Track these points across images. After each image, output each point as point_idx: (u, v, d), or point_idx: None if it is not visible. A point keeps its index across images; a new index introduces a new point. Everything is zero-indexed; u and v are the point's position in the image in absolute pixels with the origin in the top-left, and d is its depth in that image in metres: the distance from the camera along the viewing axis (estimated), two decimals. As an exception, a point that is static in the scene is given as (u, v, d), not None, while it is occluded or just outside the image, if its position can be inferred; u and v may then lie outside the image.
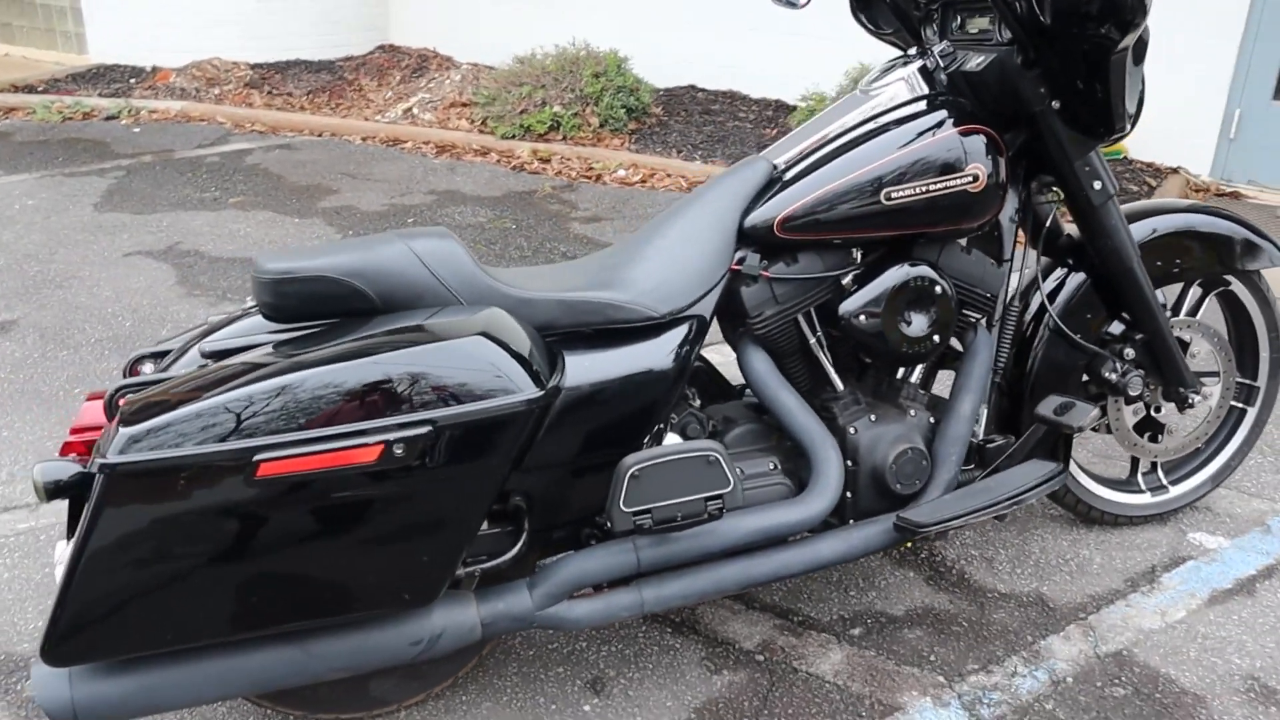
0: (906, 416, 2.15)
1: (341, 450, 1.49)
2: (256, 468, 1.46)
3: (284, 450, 1.46)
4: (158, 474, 1.45)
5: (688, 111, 6.61)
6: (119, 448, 1.44)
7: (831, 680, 2.15)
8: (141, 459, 1.44)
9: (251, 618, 1.57)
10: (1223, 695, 2.14)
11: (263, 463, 1.46)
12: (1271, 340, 2.60)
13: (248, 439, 1.47)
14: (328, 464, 1.49)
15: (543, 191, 5.26)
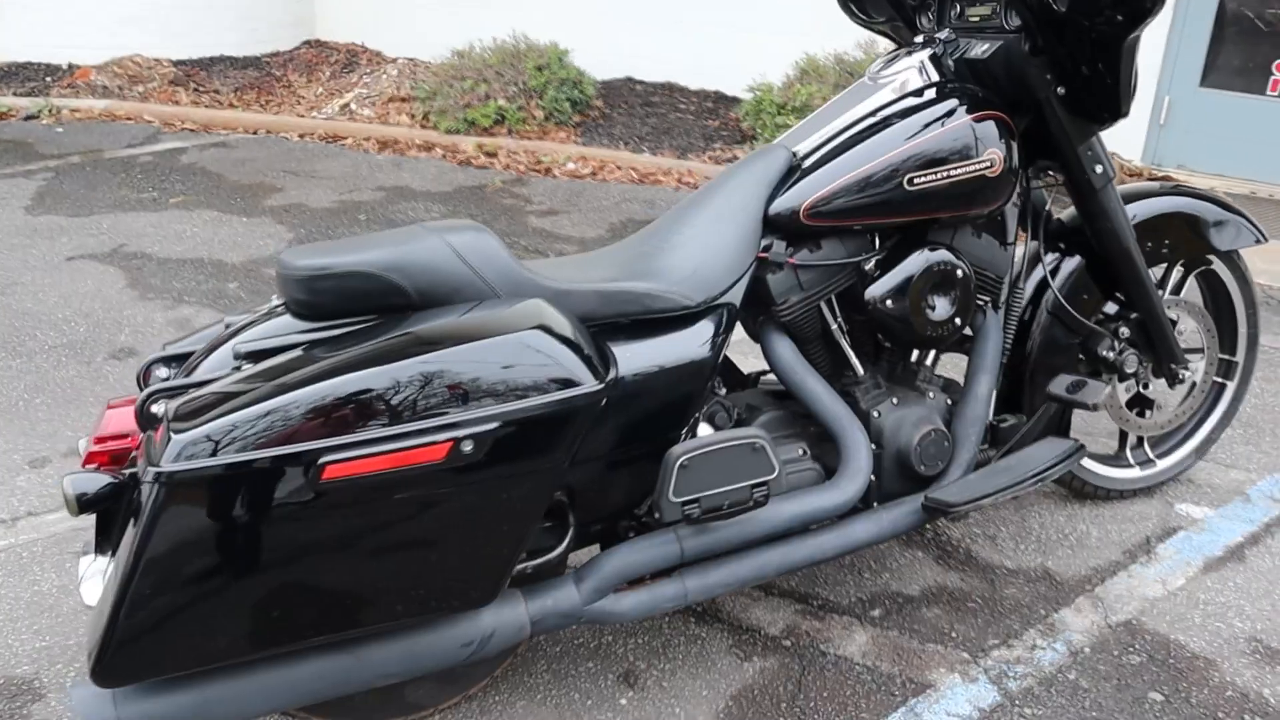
0: (926, 399, 2.18)
1: (408, 450, 1.44)
2: (322, 470, 1.41)
3: (350, 452, 1.41)
4: (217, 480, 1.39)
5: (629, 104, 6.60)
6: (175, 454, 1.37)
7: (860, 661, 2.17)
8: (201, 465, 1.37)
9: (312, 626, 1.52)
10: (1231, 658, 2.22)
11: (328, 465, 1.41)
12: (1249, 317, 2.70)
13: (311, 441, 1.41)
14: (394, 464, 1.44)
15: (493, 186, 5.20)
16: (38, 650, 2.14)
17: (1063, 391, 2.26)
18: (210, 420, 1.41)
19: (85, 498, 1.53)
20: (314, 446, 1.41)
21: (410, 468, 1.45)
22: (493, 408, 1.49)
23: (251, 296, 3.83)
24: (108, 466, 1.67)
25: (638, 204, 5.04)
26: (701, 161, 5.58)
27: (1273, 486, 2.87)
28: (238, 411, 1.42)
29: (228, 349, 1.70)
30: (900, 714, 2.04)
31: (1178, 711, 2.07)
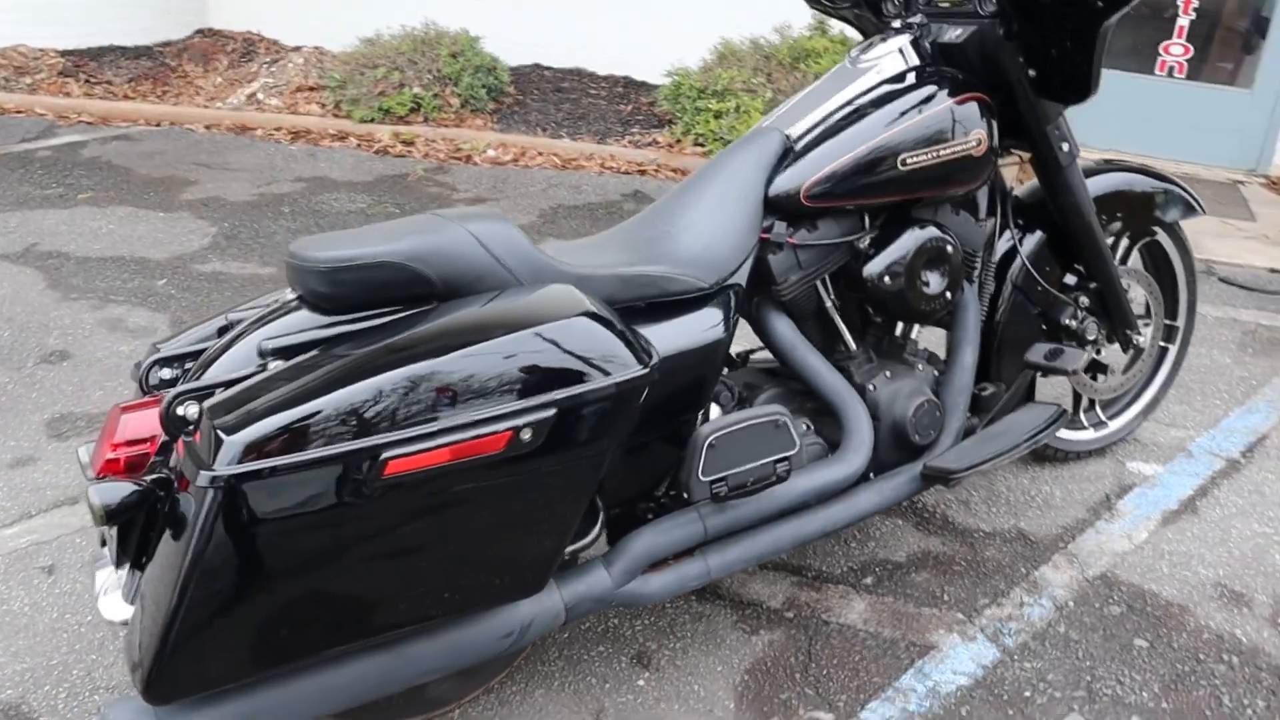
0: (915, 371, 2.25)
1: (469, 441, 1.42)
2: (384, 466, 1.37)
3: (411, 446, 1.39)
4: (276, 481, 1.34)
5: (541, 90, 6.55)
6: (231, 457, 1.33)
7: (863, 628, 2.23)
8: (258, 467, 1.33)
9: (369, 625, 1.49)
10: (1201, 603, 2.35)
11: (390, 460, 1.37)
12: (1189, 284, 2.86)
13: (372, 437, 1.38)
14: (455, 456, 1.42)
15: (415, 174, 5.10)
16: (20, 673, 2.03)
17: (1041, 359, 2.35)
18: (260, 420, 1.36)
19: (113, 508, 1.46)
20: (375, 442, 1.38)
21: (470, 459, 1.43)
22: (549, 395, 1.48)
23: (183, 294, 3.68)
24: (122, 474, 1.59)
25: (564, 189, 5.02)
26: (622, 146, 5.59)
27: (1210, 441, 3.05)
28: (288, 409, 1.37)
29: (245, 346, 1.64)
30: (910, 676, 2.10)
31: (1162, 656, 2.18)
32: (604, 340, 1.55)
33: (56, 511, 2.50)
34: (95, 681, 2.01)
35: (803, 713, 2.00)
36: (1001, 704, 2.04)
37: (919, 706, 2.03)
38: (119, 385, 3.07)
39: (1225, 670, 2.16)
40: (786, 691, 2.05)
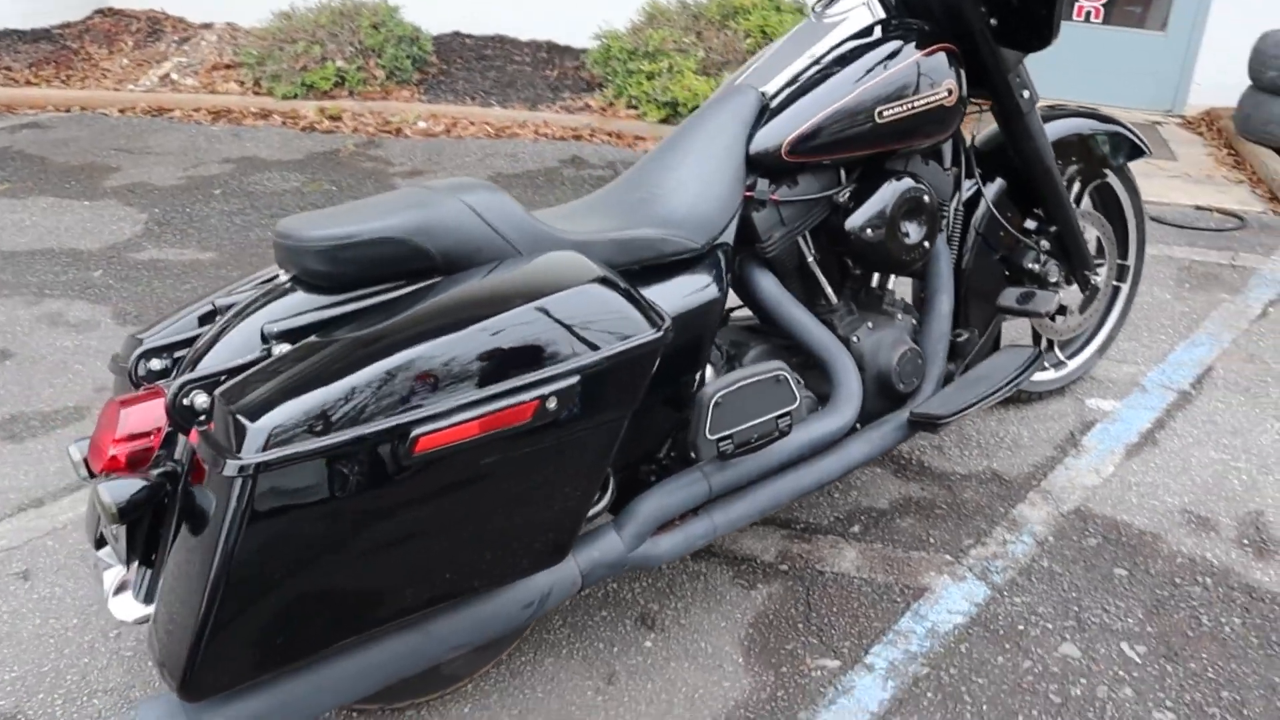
0: (895, 320, 2.28)
1: (496, 413, 1.41)
2: (415, 443, 1.35)
3: (441, 421, 1.37)
4: (307, 466, 1.32)
5: (464, 59, 6.44)
6: (259, 444, 1.29)
7: (857, 575, 2.27)
8: (288, 453, 1.30)
9: (401, 605, 1.47)
10: (1171, 530, 2.45)
11: (421, 437, 1.35)
12: (1138, 223, 2.94)
13: (400, 414, 1.36)
14: (484, 429, 1.40)
15: (346, 150, 4.99)
16: (10, 682, 1.96)
17: (1014, 304, 2.41)
18: (283, 404, 1.33)
19: (124, 505, 1.42)
20: (404, 420, 1.35)
21: (498, 431, 1.41)
22: (572, 362, 1.47)
23: (122, 284, 3.56)
24: (124, 470, 1.54)
25: (501, 158, 4.96)
26: (554, 112, 5.53)
27: (1161, 375, 3.16)
28: (311, 392, 1.34)
29: (243, 331, 1.60)
30: (908, 618, 2.15)
31: (1142, 583, 2.27)
32: (618, 305, 1.54)
33: (22, 515, 2.41)
34: (91, 685, 1.95)
35: (810, 662, 2.04)
36: (998, 639, 2.10)
37: (920, 647, 2.08)
38: (69, 382, 2.97)
39: (1201, 592, 2.25)
40: (791, 642, 2.08)
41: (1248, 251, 4.13)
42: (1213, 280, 3.85)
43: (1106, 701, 1.96)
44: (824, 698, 1.96)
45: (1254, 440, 2.82)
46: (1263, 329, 3.47)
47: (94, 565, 1.68)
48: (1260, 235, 4.31)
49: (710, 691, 1.96)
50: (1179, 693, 1.99)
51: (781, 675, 2.00)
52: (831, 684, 1.99)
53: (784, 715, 1.91)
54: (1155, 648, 2.09)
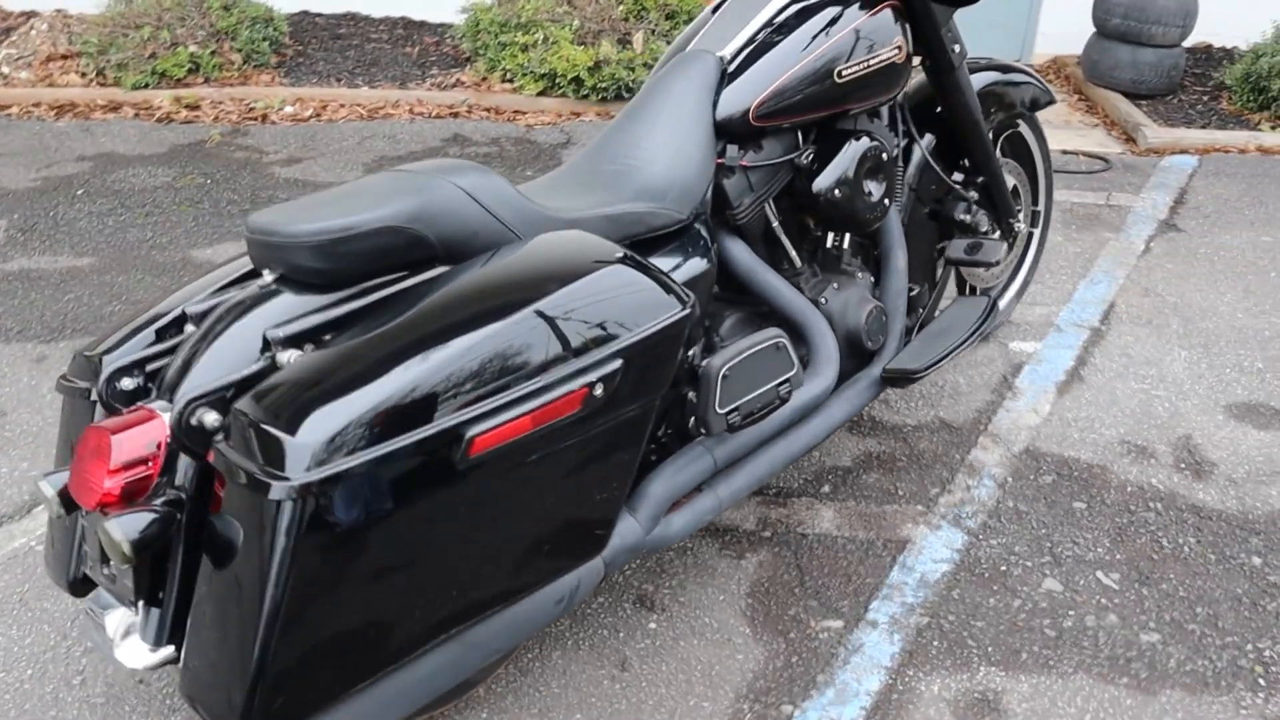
0: (856, 279, 2.30)
1: (547, 405, 1.35)
2: (470, 445, 1.28)
3: (494, 419, 1.30)
4: (358, 480, 1.23)
5: (319, 39, 6.16)
6: (305, 461, 1.20)
7: (839, 534, 2.30)
8: (341, 468, 1.21)
9: (456, 613, 1.40)
10: (1115, 460, 2.57)
11: (476, 438, 1.28)
12: (1046, 170, 3.06)
13: (452, 416, 1.28)
14: (536, 423, 1.34)
15: (213, 140, 4.70)
16: None
17: (963, 255, 2.47)
18: (324, 416, 1.23)
19: (140, 541, 1.30)
20: (456, 421, 1.28)
21: (549, 425, 1.35)
22: (613, 345, 1.42)
23: (-5, 299, 3.26)
24: (118, 504, 1.40)
25: (380, 140, 4.76)
26: (427, 90, 5.34)
27: (1071, 314, 3.30)
28: (350, 401, 1.25)
29: (234, 339, 1.48)
30: (897, 571, 2.19)
31: (1101, 514, 2.38)
32: (646, 284, 1.50)
33: (-60, 561, 2.19)
34: (67, 738, 1.79)
35: (815, 624, 2.05)
36: (985, 581, 2.17)
37: (915, 598, 2.12)
38: (-42, 410, 2.70)
39: (1155, 517, 2.37)
40: (792, 607, 2.09)
41: (1119, 191, 4.36)
42: (1095, 220, 4.05)
43: (1097, 630, 2.05)
44: (837, 658, 1.97)
45: (1167, 369, 2.98)
46: (1149, 264, 3.67)
47: (87, 612, 1.53)
48: (1126, 175, 4.56)
49: (726, 666, 1.95)
50: (1158, 613, 2.09)
51: (791, 641, 2.01)
52: (840, 644, 2.01)
53: (802, 680, 1.92)
54: (1128, 574, 2.19)
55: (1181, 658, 1.99)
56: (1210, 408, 2.80)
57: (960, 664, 1.96)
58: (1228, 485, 2.49)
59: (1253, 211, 4.16)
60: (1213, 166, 4.65)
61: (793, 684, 1.92)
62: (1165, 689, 1.92)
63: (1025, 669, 1.95)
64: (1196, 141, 4.87)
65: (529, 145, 4.77)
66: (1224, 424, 2.73)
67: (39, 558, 2.21)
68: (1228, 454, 2.60)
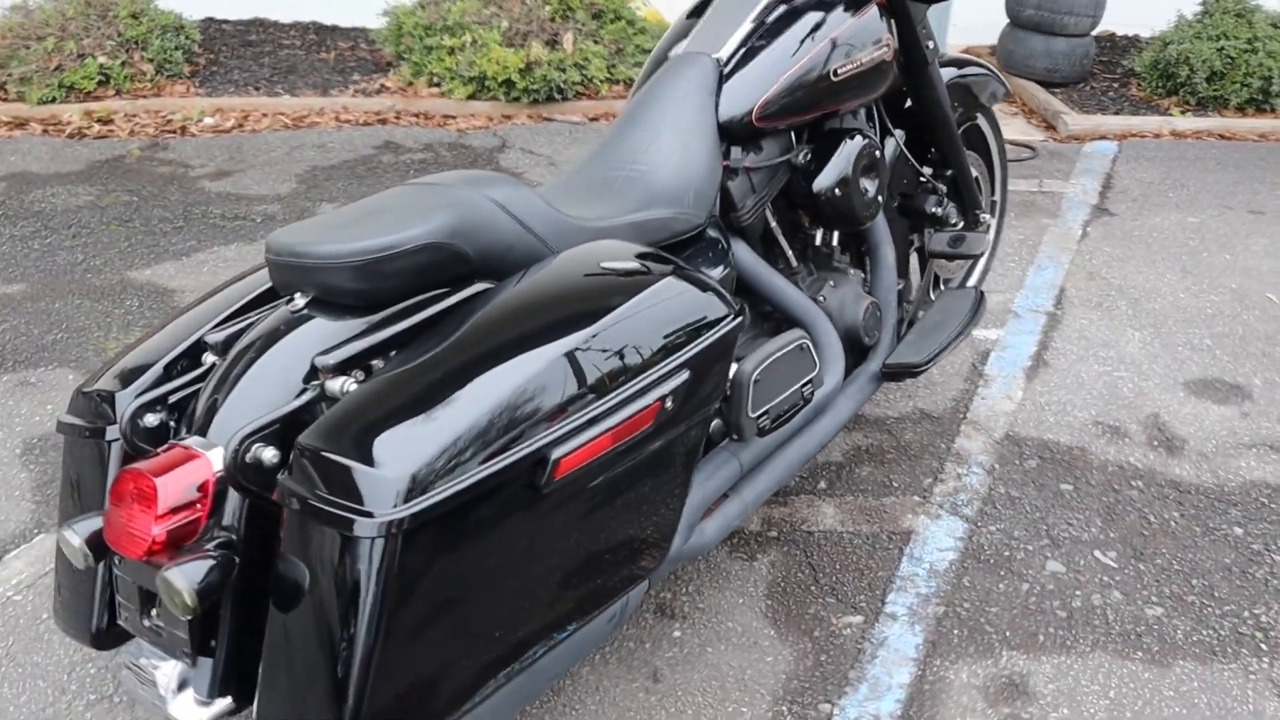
0: (849, 276, 2.32)
1: (624, 422, 1.33)
2: (556, 467, 1.25)
3: (576, 439, 1.27)
4: (447, 511, 1.19)
5: (229, 47, 5.95)
6: (395, 495, 1.15)
7: (844, 530, 2.32)
8: (433, 500, 1.16)
9: (531, 641, 1.36)
10: (1092, 441, 2.65)
11: (561, 459, 1.25)
12: (1001, 161, 3.13)
13: (535, 439, 1.24)
14: (615, 440, 1.32)
15: (133, 155, 4.50)
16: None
17: (947, 248, 2.51)
18: (406, 447, 1.19)
19: (205, 589, 1.23)
20: (540, 443, 1.24)
21: (626, 441, 1.33)
22: (680, 357, 1.41)
23: (-78, 333, 3.06)
24: (164, 552, 1.32)
25: (309, 150, 4.63)
26: (351, 96, 5.21)
27: (1026, 300, 3.40)
28: (429, 429, 1.21)
29: (269, 367, 1.42)
30: (906, 563, 2.22)
31: (1086, 494, 2.45)
32: (700, 293, 1.49)
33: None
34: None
35: (836, 621, 2.07)
36: (991, 568, 2.21)
37: (928, 588, 2.15)
38: (-97, 454, 2.53)
39: (1139, 495, 2.45)
40: (812, 605, 2.10)
41: (1049, 178, 4.50)
42: (1032, 207, 4.17)
43: (1105, 607, 2.11)
44: (864, 653, 1.99)
45: (1124, 350, 3.09)
46: (1090, 248, 3.80)
47: (127, 667, 1.44)
48: (1053, 162, 4.71)
49: (757, 669, 1.95)
50: (1158, 587, 2.17)
51: (816, 640, 2.02)
52: (865, 638, 2.02)
53: (835, 678, 1.93)
54: (1123, 551, 2.27)
55: (1187, 629, 2.06)
56: (1170, 385, 2.91)
57: (983, 650, 2.00)
58: (1200, 460, 2.59)
59: (1176, 194, 4.34)
60: (1132, 151, 4.84)
61: (826, 682, 1.92)
62: (1178, 660, 1.99)
63: (1045, 650, 2.00)
64: (1114, 128, 5.06)
65: (464, 150, 4.70)
66: (1186, 400, 2.84)
67: (18, 609, 2.09)
68: (1194, 429, 2.71)
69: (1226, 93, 5.24)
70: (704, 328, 1.46)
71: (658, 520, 1.50)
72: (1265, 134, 5.10)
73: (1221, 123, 5.14)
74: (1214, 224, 4.04)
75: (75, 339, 3.06)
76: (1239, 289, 3.50)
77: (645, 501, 1.45)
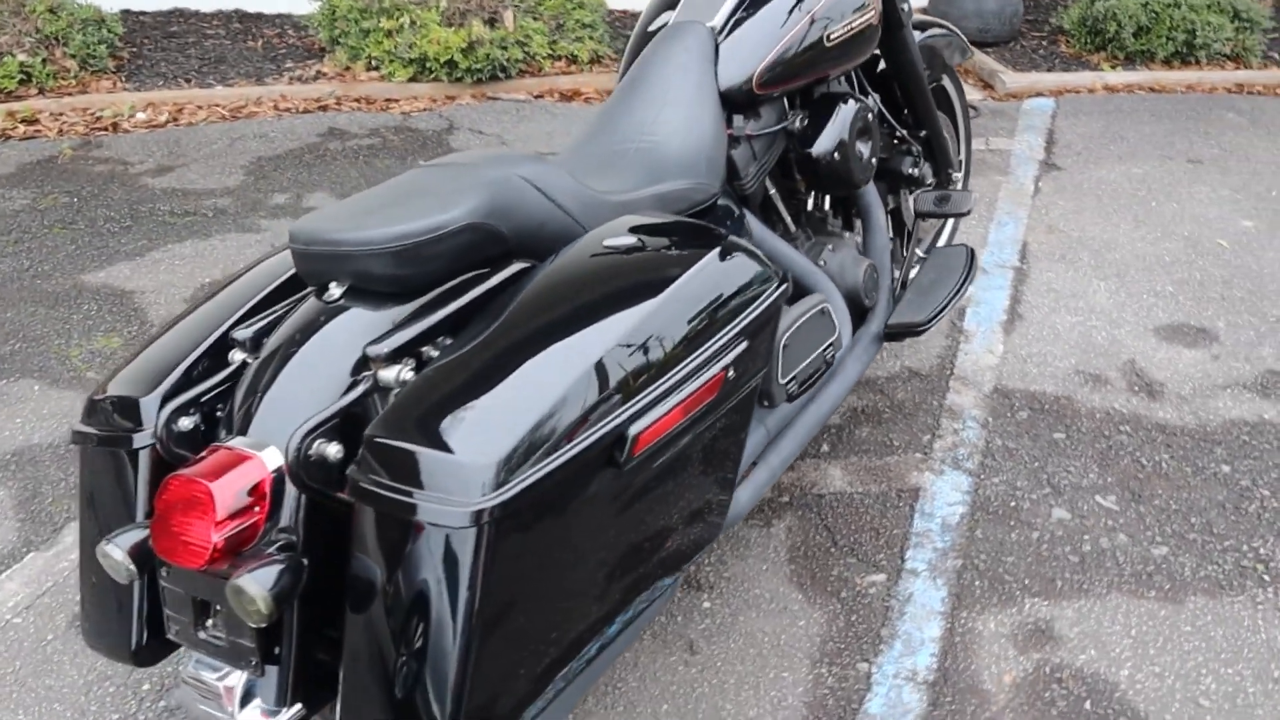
0: (844, 239, 2.34)
1: (694, 393, 1.32)
2: (635, 443, 1.24)
3: (652, 414, 1.26)
4: (535, 495, 1.17)
5: (150, 39, 5.75)
6: (486, 482, 1.12)
7: (853, 491, 2.34)
8: (519, 485, 1.14)
9: (606, 617, 1.35)
10: (1075, 389, 2.72)
11: (640, 435, 1.24)
12: (965, 121, 3.18)
13: (614, 416, 1.23)
14: (686, 412, 1.31)
15: (65, 155, 4.32)
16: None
17: (933, 207, 2.54)
18: (489, 434, 1.16)
19: (280, 594, 1.20)
20: (619, 420, 1.23)
21: (695, 413, 1.33)
22: (737, 326, 1.40)
23: None
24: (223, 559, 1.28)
25: (252, 141, 4.49)
26: (287, 85, 5.07)
27: (993, 256, 3.46)
28: (509, 413, 1.19)
29: (309, 360, 1.37)
30: (919, 519, 2.26)
31: (1079, 442, 2.51)
32: (749, 262, 1.49)
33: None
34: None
35: (860, 581, 2.09)
36: (1000, 519, 2.25)
37: (944, 542, 2.19)
38: None
39: (1128, 439, 2.52)
40: (835, 567, 2.12)
41: (995, 136, 4.58)
42: (983, 165, 4.24)
43: (1114, 550, 2.16)
44: (892, 610, 2.02)
45: (1093, 300, 3.17)
46: (1044, 203, 3.88)
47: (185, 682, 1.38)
48: (996, 120, 4.79)
49: (791, 634, 1.96)
50: (1160, 527, 2.23)
51: (844, 601, 2.04)
52: (891, 596, 2.05)
53: (868, 637, 1.96)
54: (1122, 495, 2.33)
55: (1193, 565, 2.13)
56: (1142, 332, 2.99)
57: (1006, 599, 2.04)
58: (1180, 402, 2.67)
59: (1117, 146, 4.45)
60: (1069, 107, 4.95)
61: (860, 642, 1.95)
62: (1189, 596, 2.05)
63: (1064, 596, 2.05)
64: (1050, 84, 5.16)
65: (412, 134, 4.61)
66: (1158, 346, 2.92)
67: (20, 632, 2.01)
68: (1170, 374, 2.79)
69: (1154, 46, 5.38)
70: (757, 296, 1.46)
71: (717, 488, 1.50)
72: (1192, 85, 5.26)
73: (1151, 76, 5.28)
74: (1157, 174, 4.15)
75: (35, 348, 2.94)
76: (1191, 236, 3.61)
77: (708, 471, 1.45)
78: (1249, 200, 3.91)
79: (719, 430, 1.43)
